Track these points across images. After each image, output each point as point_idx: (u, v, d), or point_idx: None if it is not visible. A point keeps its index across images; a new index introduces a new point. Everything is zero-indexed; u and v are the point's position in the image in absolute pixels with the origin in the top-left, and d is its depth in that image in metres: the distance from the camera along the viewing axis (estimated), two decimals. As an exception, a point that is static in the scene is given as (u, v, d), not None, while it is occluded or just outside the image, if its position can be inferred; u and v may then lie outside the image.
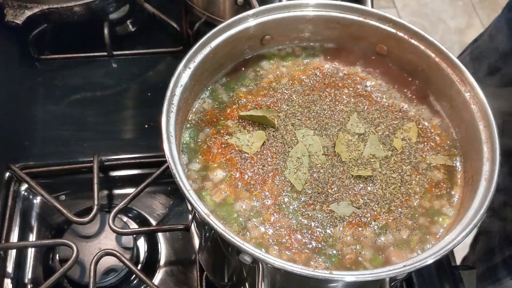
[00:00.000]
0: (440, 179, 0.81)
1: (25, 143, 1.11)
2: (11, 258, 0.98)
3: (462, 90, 0.82)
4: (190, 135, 0.84)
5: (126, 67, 1.28)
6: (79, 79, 1.24)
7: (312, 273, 0.62)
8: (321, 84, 0.91)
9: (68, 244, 0.92)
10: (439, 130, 0.87)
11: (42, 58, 1.26)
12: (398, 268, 0.64)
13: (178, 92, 0.78)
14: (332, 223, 0.75)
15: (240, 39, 0.88)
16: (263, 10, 0.87)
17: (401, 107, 0.89)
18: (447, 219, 0.77)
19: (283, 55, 0.95)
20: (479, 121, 0.79)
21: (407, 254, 0.74)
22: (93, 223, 0.98)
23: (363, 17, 0.89)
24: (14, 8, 1.11)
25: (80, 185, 1.06)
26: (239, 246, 0.63)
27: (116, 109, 1.20)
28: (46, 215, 1.05)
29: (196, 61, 0.82)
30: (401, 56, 0.90)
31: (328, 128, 0.85)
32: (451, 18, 3.14)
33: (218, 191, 0.78)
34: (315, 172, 0.80)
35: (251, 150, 0.81)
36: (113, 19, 1.31)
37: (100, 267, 0.93)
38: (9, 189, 1.04)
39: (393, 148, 0.83)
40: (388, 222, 0.76)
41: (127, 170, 1.11)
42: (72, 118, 1.16)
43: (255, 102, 0.88)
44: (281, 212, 0.76)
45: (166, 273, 1.00)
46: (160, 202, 1.08)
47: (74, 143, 1.12)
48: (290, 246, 0.73)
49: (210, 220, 0.65)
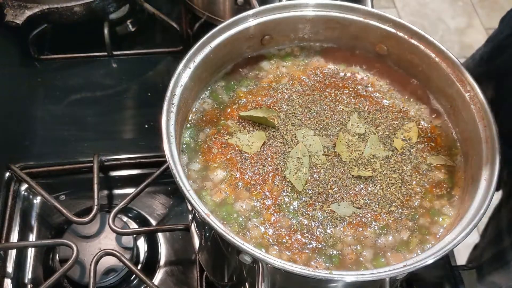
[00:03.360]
0: (440, 179, 0.81)
1: (25, 143, 1.11)
2: (11, 258, 0.98)
3: (462, 90, 0.82)
4: (190, 135, 0.84)
5: (126, 67, 1.27)
6: (79, 79, 1.23)
7: (312, 273, 0.63)
8: (322, 84, 0.91)
9: (68, 244, 0.92)
10: (439, 130, 0.87)
11: (42, 58, 1.26)
12: (398, 268, 0.64)
13: (178, 92, 0.78)
14: (333, 223, 0.75)
15: (240, 39, 0.88)
16: (263, 10, 0.87)
17: (401, 107, 0.89)
18: (447, 219, 0.77)
19: (283, 55, 0.95)
20: (479, 121, 0.79)
21: (406, 254, 0.74)
22: (93, 223, 0.98)
23: (363, 17, 0.89)
24: (14, 8, 1.11)
25: (80, 185, 1.06)
26: (239, 246, 0.63)
27: (116, 109, 1.20)
28: (46, 215, 1.05)
29: (196, 61, 0.82)
30: (401, 56, 0.90)
31: (328, 128, 0.85)
32: (451, 18, 3.14)
33: (218, 191, 0.78)
34: (316, 172, 0.80)
35: (251, 150, 0.81)
36: (113, 19, 1.31)
37: (100, 267, 0.93)
38: (9, 189, 1.04)
39: (394, 148, 0.83)
40: (388, 223, 0.76)
41: (127, 170, 1.11)
42: (72, 118, 1.16)
43: (255, 102, 0.88)
44: (281, 212, 0.76)
45: (166, 273, 1.00)
46: (160, 202, 1.08)
47: (74, 143, 1.12)
48: (290, 246, 0.73)
49: (210, 220, 0.65)
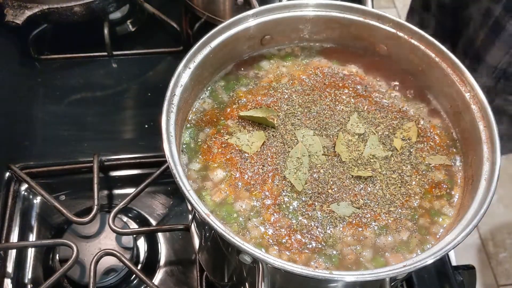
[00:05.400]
0: (440, 179, 0.81)
1: (25, 143, 1.11)
2: (11, 258, 0.98)
3: (462, 90, 0.82)
4: (190, 135, 0.84)
5: (126, 67, 1.28)
6: (79, 79, 1.23)
7: (312, 273, 0.62)
8: (321, 84, 0.91)
9: (68, 244, 0.92)
10: (439, 130, 0.87)
11: (42, 58, 1.26)
12: (398, 268, 0.64)
13: (178, 92, 0.78)
14: (332, 223, 0.75)
15: (240, 39, 0.88)
16: (263, 10, 0.87)
17: (401, 107, 0.89)
18: (447, 219, 0.77)
19: (283, 55, 0.95)
20: (479, 121, 0.79)
21: (406, 255, 0.74)
22: (93, 223, 0.98)
23: (363, 17, 0.89)
24: (14, 8, 1.11)
25: (80, 185, 1.06)
26: (239, 246, 0.63)
27: (116, 109, 1.20)
28: (46, 215, 1.05)
29: (196, 61, 0.82)
30: (401, 56, 0.90)
31: (328, 128, 0.85)
32: (451, 18, 3.13)
33: (218, 191, 0.78)
34: (315, 172, 0.80)
35: (251, 150, 0.81)
36: (113, 19, 1.32)
37: (100, 267, 0.93)
38: (9, 189, 1.04)
39: (393, 148, 0.83)
40: (388, 223, 0.76)
41: (127, 170, 1.11)
42: (72, 118, 1.16)
43: (255, 101, 0.88)
44: (281, 212, 0.76)
45: (166, 273, 1.00)
46: (160, 202, 1.08)
47: (74, 143, 1.12)
48: (290, 246, 0.73)
49: (210, 220, 0.65)
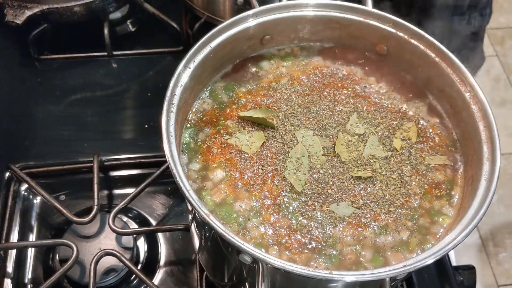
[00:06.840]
0: (440, 179, 0.81)
1: (25, 143, 1.11)
2: (11, 258, 0.98)
3: (462, 90, 0.82)
4: (190, 135, 0.84)
5: (126, 67, 1.28)
6: (79, 79, 1.24)
7: (312, 273, 0.63)
8: (321, 84, 0.91)
9: (68, 244, 0.92)
10: (438, 130, 0.87)
11: (42, 58, 1.26)
12: (398, 268, 0.64)
13: (178, 92, 0.78)
14: (332, 224, 0.75)
15: (240, 39, 0.88)
16: (263, 10, 0.87)
17: (401, 107, 0.89)
18: (447, 219, 0.77)
19: (283, 55, 0.95)
20: (479, 121, 0.79)
21: (406, 255, 0.74)
22: (93, 223, 0.98)
23: (363, 17, 0.89)
24: (14, 8, 1.11)
25: (80, 185, 1.06)
26: (239, 246, 0.63)
27: (116, 109, 1.20)
28: (46, 215, 1.05)
29: (196, 61, 0.82)
30: (401, 56, 0.90)
31: (327, 129, 0.85)
32: (451, 18, 3.13)
33: (218, 191, 0.78)
34: (315, 172, 0.80)
35: (250, 150, 0.81)
36: (113, 19, 1.32)
37: (100, 267, 0.93)
38: (9, 189, 1.04)
39: (393, 148, 0.83)
40: (388, 223, 0.76)
41: (127, 170, 1.11)
42: (72, 118, 1.16)
43: (254, 102, 0.88)
44: (280, 212, 0.76)
45: (166, 273, 1.00)
46: (160, 202, 1.08)
47: (74, 143, 1.12)
48: (290, 247, 0.73)
49: (210, 220, 0.65)
